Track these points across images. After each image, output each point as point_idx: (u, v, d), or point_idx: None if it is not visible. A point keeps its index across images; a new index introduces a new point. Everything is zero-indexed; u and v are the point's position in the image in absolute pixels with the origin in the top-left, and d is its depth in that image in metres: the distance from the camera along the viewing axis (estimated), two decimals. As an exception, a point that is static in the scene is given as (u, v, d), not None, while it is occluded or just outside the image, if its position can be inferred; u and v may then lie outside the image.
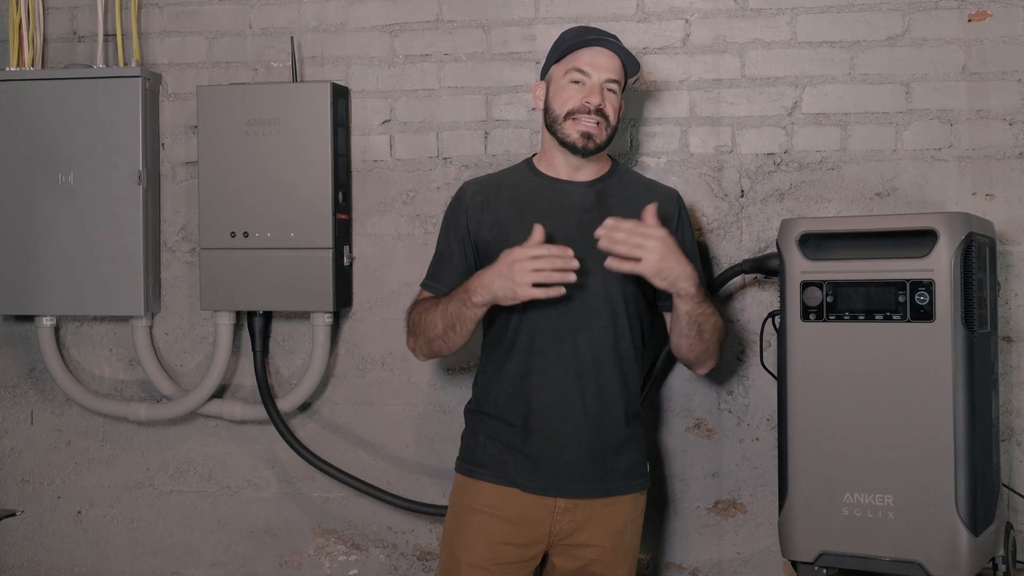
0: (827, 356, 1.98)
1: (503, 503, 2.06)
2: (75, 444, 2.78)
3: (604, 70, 2.10)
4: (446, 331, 2.05)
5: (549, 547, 2.09)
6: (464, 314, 2.01)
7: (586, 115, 2.07)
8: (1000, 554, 2.07)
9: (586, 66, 2.09)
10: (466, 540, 2.08)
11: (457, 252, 2.15)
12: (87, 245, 2.61)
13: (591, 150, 2.10)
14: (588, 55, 2.10)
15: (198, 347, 2.70)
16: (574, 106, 2.08)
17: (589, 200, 2.13)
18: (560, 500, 2.05)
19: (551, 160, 2.17)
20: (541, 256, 1.90)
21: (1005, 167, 2.36)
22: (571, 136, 2.09)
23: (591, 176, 2.16)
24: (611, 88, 2.11)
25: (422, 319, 2.10)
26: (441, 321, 2.05)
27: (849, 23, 2.41)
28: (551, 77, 2.16)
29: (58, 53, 2.76)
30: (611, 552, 2.09)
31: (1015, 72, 2.35)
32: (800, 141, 2.43)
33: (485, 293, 1.96)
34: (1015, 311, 2.36)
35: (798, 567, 2.02)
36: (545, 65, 2.20)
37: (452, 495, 2.17)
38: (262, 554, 2.70)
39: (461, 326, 2.03)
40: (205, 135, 2.55)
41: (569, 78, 2.10)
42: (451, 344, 2.09)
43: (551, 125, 2.12)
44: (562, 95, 2.10)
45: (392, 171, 2.61)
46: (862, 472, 1.95)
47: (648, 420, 2.50)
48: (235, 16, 2.68)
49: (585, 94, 2.08)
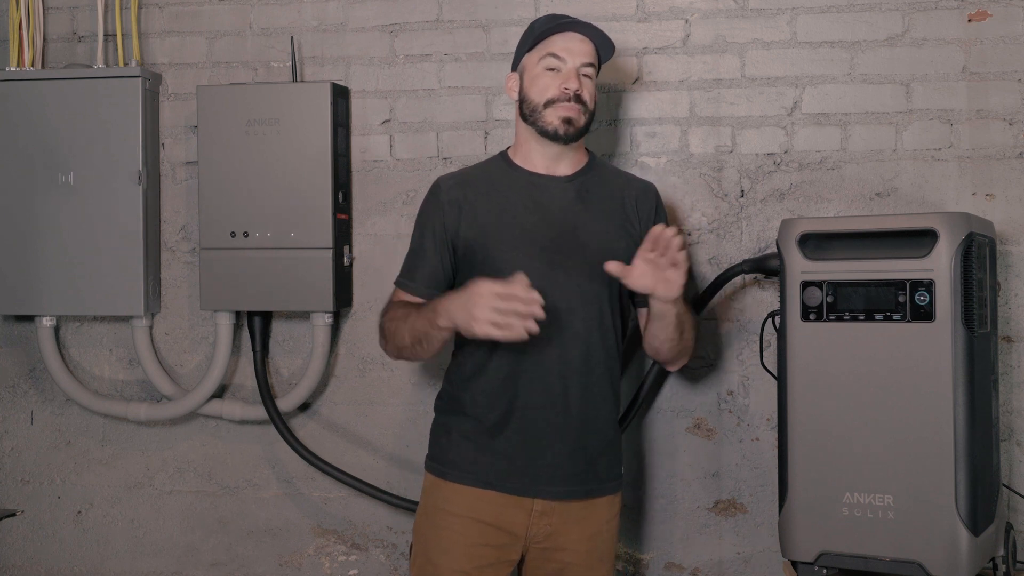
0: (827, 356, 1.98)
1: (479, 505, 2.02)
2: (75, 444, 2.78)
3: (579, 55, 2.06)
4: (413, 345, 2.02)
5: (525, 550, 2.06)
6: (430, 334, 1.97)
7: (565, 102, 2.03)
8: (1000, 554, 2.07)
9: (560, 52, 2.05)
10: (443, 545, 2.03)
11: (431, 250, 2.09)
12: (87, 245, 2.61)
13: (572, 135, 2.05)
14: (561, 41, 2.06)
15: (198, 347, 2.70)
16: (553, 94, 2.04)
17: (570, 196, 2.09)
18: (537, 502, 2.02)
19: (528, 153, 2.11)
20: (506, 297, 1.82)
21: (1005, 167, 2.36)
22: (552, 124, 2.04)
23: (570, 170, 2.11)
24: (586, 73, 2.07)
25: (394, 327, 2.05)
26: (408, 335, 2.01)
27: (849, 23, 2.41)
28: (524, 67, 2.11)
29: (58, 53, 2.76)
30: (586, 555, 2.07)
31: (1015, 72, 2.35)
32: (800, 141, 2.43)
33: (447, 319, 1.91)
34: (1015, 311, 2.36)
35: (798, 567, 2.02)
36: (517, 55, 2.15)
37: (425, 496, 2.12)
38: (262, 554, 2.70)
39: (427, 343, 1.99)
40: (205, 135, 2.55)
41: (544, 65, 2.06)
42: (420, 356, 2.05)
43: (529, 115, 2.07)
44: (539, 83, 2.06)
45: (392, 171, 2.61)
46: (862, 472, 1.95)
47: (648, 420, 2.51)
48: (235, 16, 2.68)
49: (562, 80, 2.04)
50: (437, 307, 1.93)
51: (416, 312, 2.01)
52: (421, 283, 2.09)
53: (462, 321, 1.86)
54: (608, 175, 2.18)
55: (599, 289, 2.05)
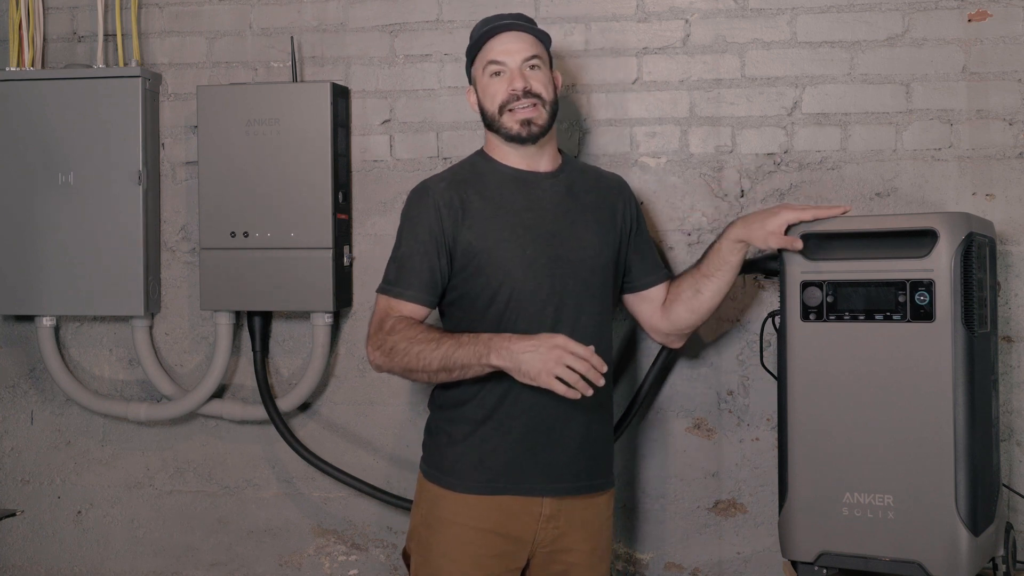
0: (827, 356, 1.98)
1: (486, 514, 2.00)
2: (75, 444, 2.78)
3: (517, 52, 2.05)
4: (439, 371, 1.93)
5: (531, 555, 2.05)
6: (471, 367, 1.89)
7: (517, 101, 2.03)
8: (1000, 554, 2.07)
9: (498, 55, 2.06)
10: (451, 556, 2.00)
11: (425, 255, 2.01)
12: (87, 245, 2.61)
13: (536, 134, 2.04)
14: (496, 44, 2.06)
15: (198, 347, 2.70)
16: (503, 98, 2.04)
17: (560, 192, 2.10)
18: (545, 504, 2.01)
19: (505, 154, 2.11)
20: (582, 359, 1.80)
21: (1005, 167, 2.36)
22: (512, 128, 2.04)
23: (551, 166, 2.12)
24: (532, 65, 2.06)
25: (407, 348, 1.95)
26: (439, 362, 1.91)
27: (849, 23, 2.41)
28: (474, 79, 2.13)
29: (58, 53, 2.76)
30: (589, 554, 2.08)
31: (1015, 72, 2.35)
32: (800, 141, 2.43)
33: (509, 360, 1.84)
34: (1015, 311, 2.36)
35: (798, 567, 2.02)
36: (467, 71, 2.17)
37: (425, 505, 2.07)
38: (262, 554, 2.70)
39: (460, 373, 1.92)
40: (205, 135, 2.55)
41: (488, 72, 2.07)
42: (431, 380, 1.99)
43: (490, 125, 2.08)
44: (489, 91, 2.07)
45: (392, 171, 2.61)
46: (862, 472, 1.95)
47: (648, 420, 2.51)
48: (235, 16, 2.68)
49: (508, 82, 2.04)
50: (492, 344, 1.86)
51: (451, 341, 1.92)
52: (420, 291, 2.02)
53: (529, 365, 1.81)
54: (584, 170, 2.21)
55: (599, 284, 2.07)
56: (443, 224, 2.02)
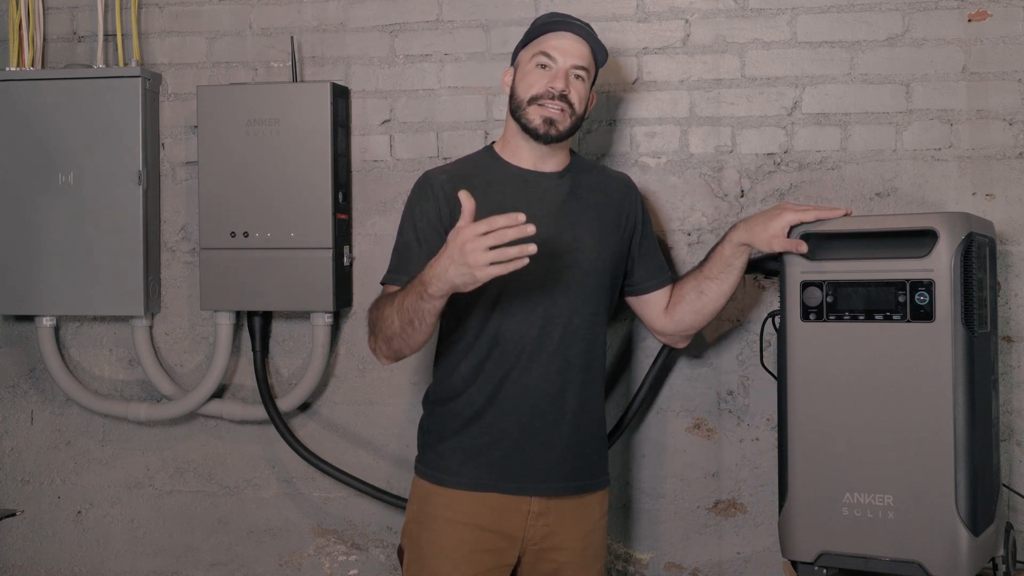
0: (827, 356, 1.98)
1: (477, 510, 2.00)
2: (75, 444, 2.78)
3: (571, 55, 2.04)
4: (403, 327, 1.90)
5: (522, 552, 2.05)
6: (422, 308, 1.84)
7: (550, 100, 2.02)
8: (1000, 554, 2.07)
9: (552, 50, 2.04)
10: (446, 554, 2.00)
11: (425, 243, 2.00)
12: (87, 245, 2.61)
13: (553, 137, 2.03)
14: (555, 39, 2.05)
15: (198, 347, 2.70)
16: (538, 91, 2.02)
17: (563, 192, 2.09)
18: (534, 502, 2.01)
19: (516, 149, 2.09)
20: (491, 231, 1.70)
21: (1005, 167, 2.36)
22: (533, 121, 2.02)
23: (558, 167, 2.11)
24: (578, 75, 2.05)
25: (380, 315, 1.96)
26: (398, 317, 1.89)
27: (849, 23, 2.41)
28: (519, 62, 2.10)
29: (58, 53, 2.76)
30: (581, 554, 2.07)
31: (1015, 72, 2.35)
32: (800, 141, 2.43)
33: (441, 283, 1.78)
34: (1015, 311, 2.36)
35: (798, 567, 2.02)
36: (515, 51, 2.15)
37: (418, 503, 2.08)
38: (262, 554, 2.70)
39: (420, 321, 1.87)
40: (205, 135, 2.55)
41: (535, 62, 2.05)
42: (411, 342, 1.93)
43: (515, 111, 2.06)
44: (527, 80, 2.05)
45: (392, 171, 2.61)
46: (862, 472, 1.94)
47: (648, 420, 2.51)
48: (235, 16, 2.68)
49: (550, 79, 2.03)
50: (424, 277, 1.82)
51: (402, 293, 1.90)
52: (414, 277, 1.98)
53: (459, 276, 1.74)
54: (590, 169, 2.21)
55: (595, 285, 2.07)
56: (441, 215, 2.03)
